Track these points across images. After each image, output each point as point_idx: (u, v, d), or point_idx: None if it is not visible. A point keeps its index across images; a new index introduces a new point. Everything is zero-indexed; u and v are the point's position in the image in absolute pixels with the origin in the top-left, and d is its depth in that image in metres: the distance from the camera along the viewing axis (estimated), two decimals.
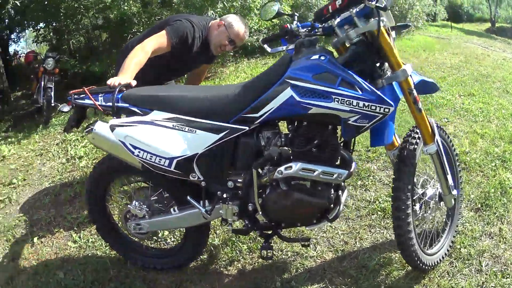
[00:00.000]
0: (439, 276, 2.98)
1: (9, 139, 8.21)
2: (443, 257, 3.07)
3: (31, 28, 13.41)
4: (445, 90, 7.41)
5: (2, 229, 4.74)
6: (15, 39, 18.46)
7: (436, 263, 3.00)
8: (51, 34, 12.70)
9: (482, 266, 3.09)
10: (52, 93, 8.83)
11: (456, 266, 3.08)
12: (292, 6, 11.20)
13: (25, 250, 4.20)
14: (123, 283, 3.42)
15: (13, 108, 11.90)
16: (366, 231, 3.51)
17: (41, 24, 12.52)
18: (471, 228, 3.48)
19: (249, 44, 10.85)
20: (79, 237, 4.18)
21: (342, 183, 2.68)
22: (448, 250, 3.13)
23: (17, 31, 16.44)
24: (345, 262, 3.21)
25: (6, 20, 13.84)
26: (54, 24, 12.18)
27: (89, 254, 3.88)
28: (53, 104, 8.72)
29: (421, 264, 2.86)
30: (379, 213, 3.70)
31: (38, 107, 9.49)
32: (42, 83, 8.94)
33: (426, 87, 2.80)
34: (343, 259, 3.24)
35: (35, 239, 4.33)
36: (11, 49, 17.94)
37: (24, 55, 16.31)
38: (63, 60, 10.16)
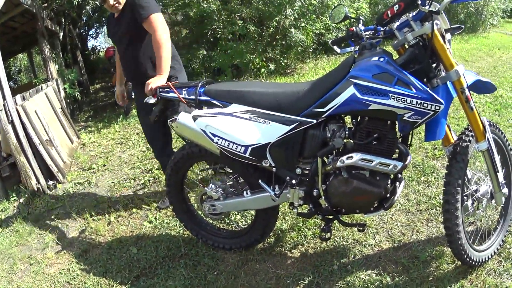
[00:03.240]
0: (486, 274, 3.04)
1: (89, 128, 8.74)
2: (491, 255, 3.13)
3: None
4: None
5: (80, 208, 5.18)
6: (94, 35, 19.19)
7: (484, 260, 3.07)
8: None
9: None
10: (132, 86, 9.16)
11: (503, 266, 3.11)
12: (370, 3, 11.25)
13: (101, 227, 4.58)
14: (193, 260, 3.73)
15: (92, 100, 12.47)
16: (423, 224, 3.66)
17: None
18: None
19: (329, 41, 10.86)
20: (155, 218, 4.53)
21: (400, 175, 2.89)
22: (497, 249, 3.18)
23: (96, 27, 17.10)
24: (400, 252, 3.39)
25: (84, 18, 14.49)
26: None
27: (163, 234, 4.21)
28: (133, 97, 9.09)
29: (468, 259, 2.94)
30: (437, 208, 3.80)
31: None
32: None
33: (484, 87, 2.92)
34: (398, 249, 3.42)
35: (112, 218, 4.74)
36: (90, 44, 18.63)
37: (103, 50, 16.95)
38: None
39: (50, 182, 6.01)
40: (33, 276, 4.10)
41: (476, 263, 3.03)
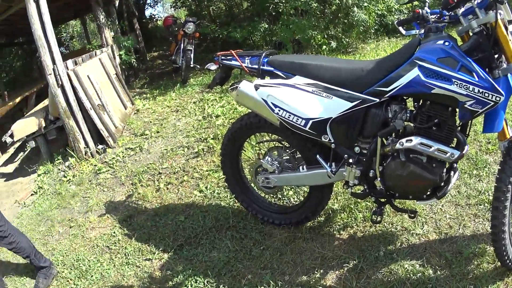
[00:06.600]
0: None
1: (144, 95, 9.06)
2: None
3: None
4: None
5: (129, 173, 5.42)
6: (152, 4, 19.62)
7: None
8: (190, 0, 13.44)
9: None
10: (192, 55, 9.47)
11: None
12: None
13: (149, 194, 4.79)
14: (240, 233, 3.90)
15: (149, 67, 12.92)
16: (471, 219, 3.71)
17: None
18: None
19: (391, 23, 10.98)
20: (206, 187, 4.71)
21: (455, 164, 2.99)
22: None
23: None
24: (445, 245, 3.48)
25: None
26: None
27: (213, 204, 4.39)
28: (191, 66, 9.45)
29: (508, 261, 2.99)
30: (486, 204, 3.79)
31: (176, 68, 10.39)
32: (182, 45, 9.63)
33: None
34: (444, 242, 3.51)
35: (161, 185, 4.94)
36: (148, 13, 19.08)
37: (161, 18, 17.40)
38: (203, 25, 10.91)
39: (100, 146, 6.28)
40: (71, 239, 4.32)
41: None
